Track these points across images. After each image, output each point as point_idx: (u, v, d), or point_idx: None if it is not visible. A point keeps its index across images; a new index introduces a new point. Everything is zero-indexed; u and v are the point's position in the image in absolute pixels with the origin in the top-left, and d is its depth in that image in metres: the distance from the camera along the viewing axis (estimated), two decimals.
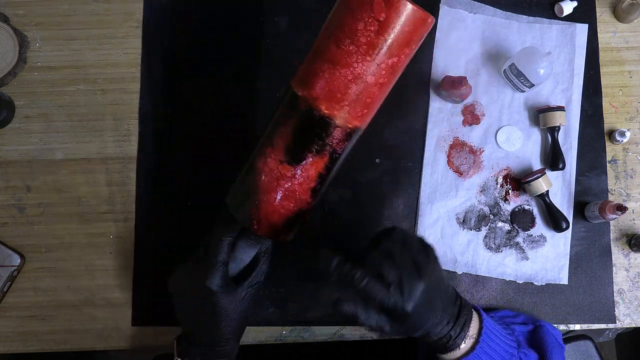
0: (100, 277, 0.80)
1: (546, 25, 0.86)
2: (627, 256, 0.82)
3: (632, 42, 0.87)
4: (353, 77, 0.55)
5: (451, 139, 0.83)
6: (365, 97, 0.56)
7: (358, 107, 0.57)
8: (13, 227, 0.81)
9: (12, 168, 0.82)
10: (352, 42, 0.54)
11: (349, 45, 0.54)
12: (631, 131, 0.83)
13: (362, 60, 0.54)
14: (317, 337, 0.80)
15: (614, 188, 0.83)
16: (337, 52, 0.55)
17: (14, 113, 0.83)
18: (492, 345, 0.60)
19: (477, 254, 0.81)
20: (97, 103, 0.84)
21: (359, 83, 0.55)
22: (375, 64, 0.55)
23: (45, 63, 0.84)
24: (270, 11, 0.86)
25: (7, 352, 0.79)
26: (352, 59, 0.54)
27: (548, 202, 0.80)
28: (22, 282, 0.80)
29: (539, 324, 0.72)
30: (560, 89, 0.85)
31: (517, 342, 0.67)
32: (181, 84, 0.84)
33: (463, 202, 0.82)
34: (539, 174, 0.79)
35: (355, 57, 0.54)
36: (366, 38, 0.53)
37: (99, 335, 0.79)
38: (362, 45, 0.54)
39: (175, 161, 0.82)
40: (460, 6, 0.86)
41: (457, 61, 0.85)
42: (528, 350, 0.66)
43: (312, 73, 0.56)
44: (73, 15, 0.86)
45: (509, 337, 0.65)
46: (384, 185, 0.82)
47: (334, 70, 0.55)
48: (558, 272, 0.81)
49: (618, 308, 0.81)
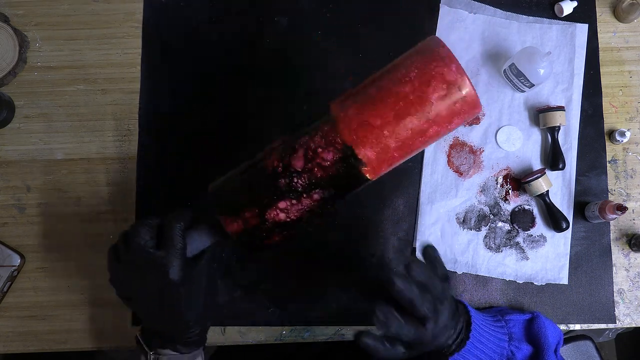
0: (100, 277, 0.80)
1: (546, 25, 0.86)
2: (627, 256, 0.82)
3: (632, 42, 0.87)
4: (413, 134, 0.53)
5: (451, 139, 0.84)
6: (408, 156, 0.56)
7: (393, 162, 0.56)
8: (13, 227, 0.81)
9: (12, 168, 0.82)
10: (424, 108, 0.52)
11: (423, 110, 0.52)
12: (631, 131, 0.83)
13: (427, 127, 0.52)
14: (317, 337, 0.80)
15: (614, 188, 0.83)
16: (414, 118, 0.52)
17: (14, 113, 0.83)
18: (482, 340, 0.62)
19: (477, 254, 0.81)
20: (97, 103, 0.84)
21: (403, 150, 0.54)
22: (435, 129, 0.53)
23: (45, 63, 0.84)
24: (270, 11, 0.86)
25: (7, 352, 0.79)
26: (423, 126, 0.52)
27: (548, 202, 0.80)
28: (22, 282, 0.80)
29: (535, 314, 0.73)
30: (560, 89, 0.85)
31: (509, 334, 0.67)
32: (181, 84, 0.84)
33: (463, 202, 0.82)
34: (539, 174, 0.79)
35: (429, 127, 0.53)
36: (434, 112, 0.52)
37: (98, 335, 0.79)
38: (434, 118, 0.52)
39: (175, 161, 0.82)
40: (460, 6, 0.86)
41: None
42: (520, 343, 0.67)
43: (370, 117, 0.52)
44: (73, 15, 0.86)
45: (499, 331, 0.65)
46: (384, 185, 0.82)
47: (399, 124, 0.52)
48: (558, 272, 0.81)
49: (618, 308, 0.81)
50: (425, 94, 0.51)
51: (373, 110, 0.52)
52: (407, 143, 0.53)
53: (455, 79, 0.51)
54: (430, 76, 0.51)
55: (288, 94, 0.84)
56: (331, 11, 0.86)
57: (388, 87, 0.52)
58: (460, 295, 0.80)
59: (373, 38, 0.85)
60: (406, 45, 0.85)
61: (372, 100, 0.52)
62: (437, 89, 0.51)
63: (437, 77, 0.51)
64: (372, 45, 0.85)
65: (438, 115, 0.52)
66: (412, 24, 0.86)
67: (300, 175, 0.54)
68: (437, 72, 0.51)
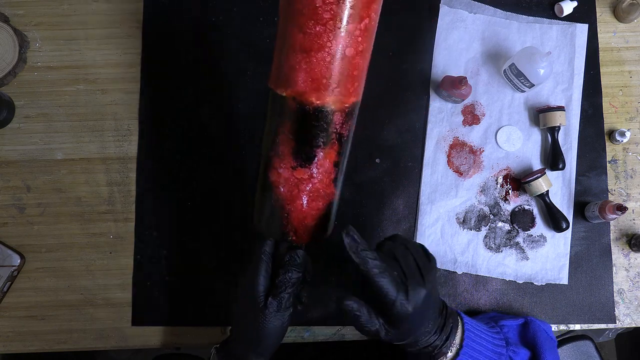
0: (100, 277, 0.80)
1: (546, 25, 0.86)
2: (627, 256, 0.82)
3: (632, 42, 0.87)
4: (331, 57, 0.51)
5: (451, 139, 0.84)
6: (352, 71, 0.53)
7: (348, 84, 0.53)
8: (13, 227, 0.81)
9: (12, 168, 0.82)
10: (317, 22, 0.49)
11: (314, 27, 0.50)
12: (631, 131, 0.83)
13: (333, 36, 0.50)
14: (317, 337, 0.80)
15: (614, 188, 0.83)
16: (305, 38, 0.50)
17: (14, 113, 0.83)
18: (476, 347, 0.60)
19: (477, 254, 0.81)
20: (97, 103, 0.84)
21: (340, 60, 0.51)
22: (348, 34, 0.51)
23: (45, 63, 0.84)
24: (270, 11, 0.86)
25: (7, 352, 0.79)
26: (323, 39, 0.50)
27: (548, 202, 0.80)
28: (22, 282, 0.80)
29: (529, 319, 0.73)
30: (560, 89, 0.85)
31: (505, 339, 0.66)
32: (181, 84, 0.84)
33: (463, 202, 0.82)
34: (539, 174, 0.79)
35: (326, 36, 0.50)
36: (329, 12, 0.49)
37: (98, 335, 0.79)
38: (328, 22, 0.49)
39: (175, 161, 0.82)
40: (460, 6, 0.86)
41: (457, 61, 0.85)
42: (518, 348, 0.66)
43: (289, 68, 0.52)
44: (73, 15, 0.85)
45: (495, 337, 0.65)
46: (384, 185, 0.82)
47: (309, 58, 0.51)
48: (558, 272, 0.81)
49: (618, 308, 0.81)
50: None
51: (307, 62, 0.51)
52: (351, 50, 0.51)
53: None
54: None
55: None
56: None
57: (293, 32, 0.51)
58: (461, 295, 0.80)
59: None
60: (406, 45, 0.86)
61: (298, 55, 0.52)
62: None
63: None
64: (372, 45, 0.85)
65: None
66: (412, 24, 0.86)
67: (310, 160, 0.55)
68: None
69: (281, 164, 0.55)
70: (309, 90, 0.52)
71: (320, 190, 0.56)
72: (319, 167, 0.55)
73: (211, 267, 0.80)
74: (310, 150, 0.54)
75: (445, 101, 0.84)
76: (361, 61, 0.53)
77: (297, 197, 0.56)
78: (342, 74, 0.52)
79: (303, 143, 0.54)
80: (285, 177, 0.56)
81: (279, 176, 0.56)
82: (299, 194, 0.56)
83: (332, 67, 0.51)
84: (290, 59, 0.52)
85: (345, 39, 0.51)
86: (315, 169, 0.55)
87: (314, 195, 0.56)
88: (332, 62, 0.51)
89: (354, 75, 0.53)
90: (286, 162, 0.55)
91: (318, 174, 0.55)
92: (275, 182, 0.56)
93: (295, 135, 0.54)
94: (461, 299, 0.80)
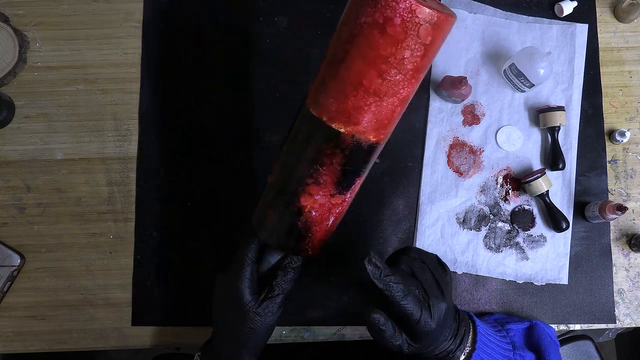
0: (100, 277, 0.80)
1: (546, 25, 0.86)
2: (627, 256, 0.82)
3: (632, 42, 0.87)
4: (399, 102, 0.52)
5: (451, 139, 0.84)
6: (398, 115, 0.55)
7: (392, 126, 0.55)
8: (13, 227, 0.81)
9: (12, 168, 0.82)
10: (399, 72, 0.49)
11: (395, 76, 0.50)
12: (631, 131, 0.83)
13: (408, 85, 0.51)
14: (318, 337, 0.80)
15: (614, 188, 0.83)
16: (383, 84, 0.50)
17: (14, 113, 0.83)
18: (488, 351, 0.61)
19: (477, 254, 0.81)
20: (97, 103, 0.84)
21: (404, 105, 0.53)
22: (417, 82, 0.52)
23: (45, 63, 0.84)
24: (270, 11, 0.86)
25: (7, 352, 0.79)
26: (399, 87, 0.51)
27: (548, 202, 0.80)
28: (22, 282, 0.80)
29: (533, 322, 0.73)
30: (560, 89, 0.85)
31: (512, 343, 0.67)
32: (181, 84, 0.84)
33: (463, 202, 0.82)
34: (539, 174, 0.79)
35: (402, 85, 0.51)
36: (413, 64, 0.49)
37: (98, 335, 0.79)
38: (408, 72, 0.50)
39: (175, 161, 0.82)
40: (461, 6, 0.86)
41: (457, 61, 0.85)
42: (524, 352, 0.66)
43: (354, 108, 0.51)
44: (73, 15, 0.86)
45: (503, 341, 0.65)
46: (384, 185, 0.82)
47: (381, 102, 0.51)
48: (558, 272, 0.81)
49: (618, 308, 0.81)
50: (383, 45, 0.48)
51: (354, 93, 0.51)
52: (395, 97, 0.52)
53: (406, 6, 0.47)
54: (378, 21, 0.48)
55: (288, 94, 0.84)
56: (331, 11, 0.86)
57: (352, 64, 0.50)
58: (460, 295, 0.80)
59: None
60: None
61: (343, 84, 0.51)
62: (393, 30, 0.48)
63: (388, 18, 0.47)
64: None
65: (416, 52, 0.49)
66: None
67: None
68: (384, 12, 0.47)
69: (320, 191, 0.56)
70: (370, 130, 0.53)
71: (344, 211, 0.59)
72: (352, 192, 0.58)
73: (211, 267, 0.80)
74: (352, 180, 0.56)
75: (445, 101, 0.84)
76: (404, 107, 0.55)
77: (326, 219, 0.58)
78: (400, 115, 0.55)
79: (348, 174, 0.55)
80: (321, 203, 0.56)
81: (314, 202, 0.56)
82: (328, 216, 0.58)
83: (396, 111, 0.53)
84: (359, 100, 0.51)
85: (414, 86, 0.52)
86: (349, 195, 0.58)
87: (339, 215, 0.59)
88: (398, 106, 0.53)
89: (395, 118, 0.55)
90: (326, 190, 0.56)
91: (350, 198, 0.58)
92: (307, 207, 0.56)
93: (343, 167, 0.55)
94: (461, 299, 0.80)
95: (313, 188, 0.56)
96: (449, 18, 0.49)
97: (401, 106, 0.53)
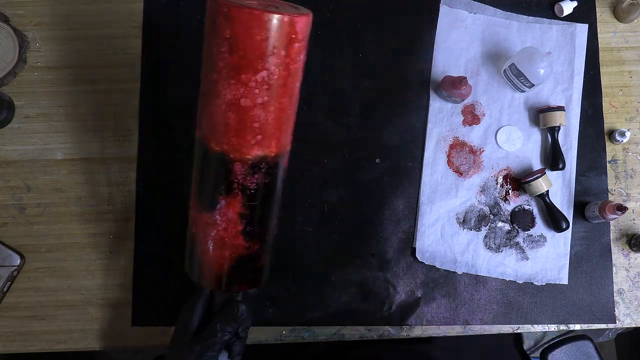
0: (100, 277, 0.80)
1: (546, 25, 0.86)
2: (627, 256, 0.82)
3: (632, 42, 0.87)
4: (227, 106, 0.50)
5: (451, 139, 0.84)
6: (250, 123, 0.51)
7: (248, 136, 0.51)
8: (13, 227, 0.81)
9: (12, 168, 0.82)
10: (214, 69, 0.49)
11: (211, 74, 0.49)
12: (631, 131, 0.84)
13: (227, 85, 0.49)
14: (318, 337, 0.80)
15: (614, 188, 0.83)
16: (205, 83, 0.51)
17: (14, 113, 0.83)
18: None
19: (477, 254, 0.81)
20: (97, 103, 0.84)
21: (235, 110, 0.50)
22: (241, 85, 0.49)
23: (45, 63, 0.84)
24: None
25: (7, 352, 0.79)
26: (218, 87, 0.49)
27: (548, 202, 0.80)
28: (22, 282, 0.80)
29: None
30: (560, 89, 0.85)
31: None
32: (181, 84, 0.84)
33: (463, 202, 0.82)
34: (539, 174, 0.79)
35: (221, 84, 0.49)
36: (223, 61, 0.48)
37: (98, 335, 0.79)
38: (222, 70, 0.49)
39: (175, 161, 0.82)
40: (460, 6, 0.86)
41: (457, 61, 0.85)
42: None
43: (199, 111, 0.53)
44: (73, 15, 0.85)
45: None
46: (384, 185, 0.82)
47: (208, 103, 0.51)
48: (558, 272, 0.81)
49: (618, 308, 0.81)
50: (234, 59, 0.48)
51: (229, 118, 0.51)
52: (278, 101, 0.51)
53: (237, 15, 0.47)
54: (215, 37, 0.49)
55: None
56: (331, 11, 0.86)
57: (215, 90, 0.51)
58: (461, 295, 0.80)
59: (373, 38, 0.85)
60: (406, 45, 0.86)
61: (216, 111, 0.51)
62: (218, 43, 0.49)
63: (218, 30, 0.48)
64: (372, 45, 0.85)
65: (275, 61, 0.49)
66: (412, 24, 0.86)
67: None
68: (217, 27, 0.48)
69: (194, 204, 0.57)
70: (209, 136, 0.52)
71: (225, 240, 0.55)
72: (222, 215, 0.54)
73: None
74: (212, 196, 0.54)
75: (445, 101, 0.84)
76: (262, 114, 0.51)
77: (204, 241, 0.56)
78: (239, 124, 0.51)
79: (205, 187, 0.55)
80: (194, 217, 0.56)
81: (190, 215, 0.58)
82: (206, 238, 0.56)
83: (228, 116, 0.50)
84: (199, 104, 0.53)
85: (239, 89, 0.49)
86: (218, 216, 0.54)
87: (219, 242, 0.55)
88: (227, 110, 0.50)
89: (254, 127, 0.51)
90: (194, 202, 0.56)
91: (222, 222, 0.54)
92: (189, 220, 0.58)
93: (199, 178, 0.55)
94: (461, 299, 0.80)
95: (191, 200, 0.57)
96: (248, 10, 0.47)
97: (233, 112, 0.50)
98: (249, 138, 0.51)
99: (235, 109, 0.50)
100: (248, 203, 0.54)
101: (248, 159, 0.52)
